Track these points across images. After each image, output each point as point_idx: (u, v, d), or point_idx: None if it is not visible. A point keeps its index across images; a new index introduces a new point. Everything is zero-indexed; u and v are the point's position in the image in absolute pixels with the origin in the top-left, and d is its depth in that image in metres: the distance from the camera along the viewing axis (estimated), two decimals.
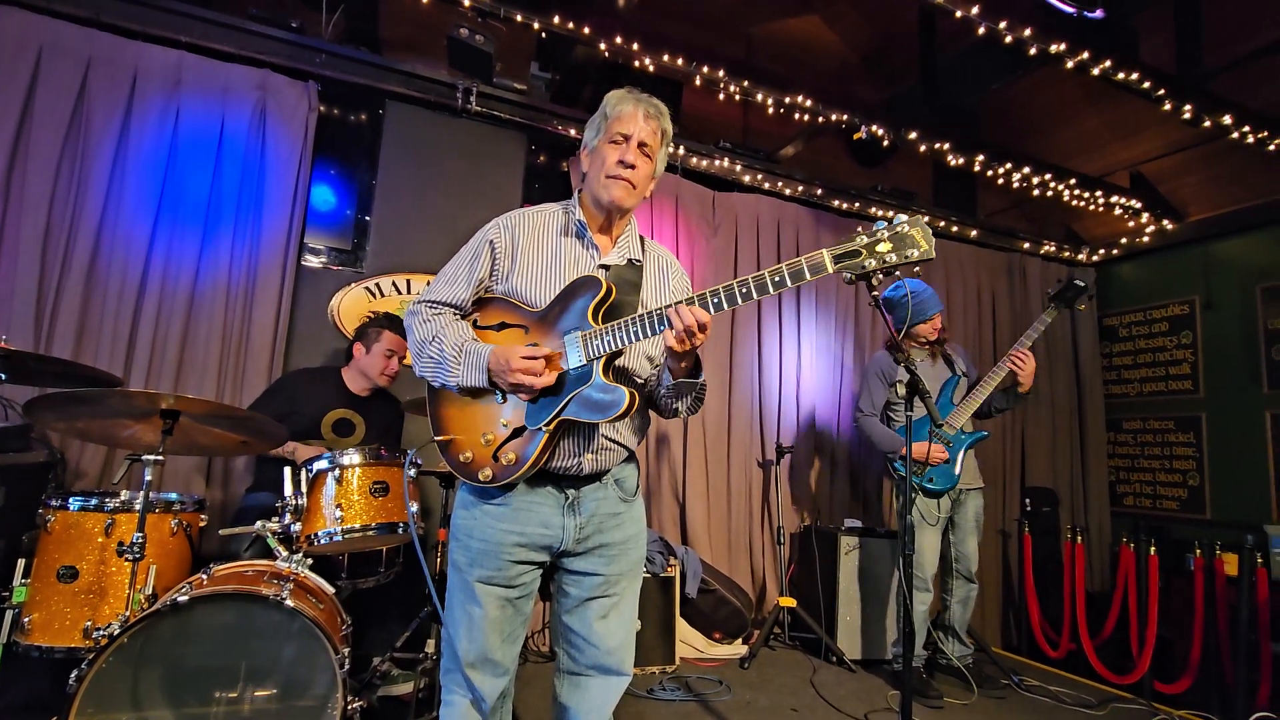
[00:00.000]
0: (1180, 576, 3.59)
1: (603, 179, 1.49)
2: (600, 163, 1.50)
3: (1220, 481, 4.25)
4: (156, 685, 1.63)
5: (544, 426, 1.39)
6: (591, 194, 1.53)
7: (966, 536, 3.20)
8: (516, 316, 1.49)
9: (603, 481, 1.52)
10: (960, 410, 3.12)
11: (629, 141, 1.48)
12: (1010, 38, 3.03)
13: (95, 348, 2.72)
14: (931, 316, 3.18)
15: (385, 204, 3.34)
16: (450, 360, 1.43)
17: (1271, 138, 3.46)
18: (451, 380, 1.43)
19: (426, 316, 1.49)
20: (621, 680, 1.55)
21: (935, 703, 2.93)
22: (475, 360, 1.41)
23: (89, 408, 1.90)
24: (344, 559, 2.31)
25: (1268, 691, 3.09)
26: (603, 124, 1.51)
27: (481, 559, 1.45)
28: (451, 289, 1.52)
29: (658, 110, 1.52)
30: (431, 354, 1.45)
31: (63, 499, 1.98)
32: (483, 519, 1.46)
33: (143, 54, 2.86)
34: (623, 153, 1.48)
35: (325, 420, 2.63)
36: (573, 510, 1.48)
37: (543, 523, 1.46)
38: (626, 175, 1.48)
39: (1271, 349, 4.07)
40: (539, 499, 1.46)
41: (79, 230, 2.71)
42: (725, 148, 3.96)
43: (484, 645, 1.46)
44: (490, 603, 1.45)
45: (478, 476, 1.43)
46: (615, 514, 1.52)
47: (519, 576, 1.47)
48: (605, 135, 1.50)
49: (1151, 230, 4.57)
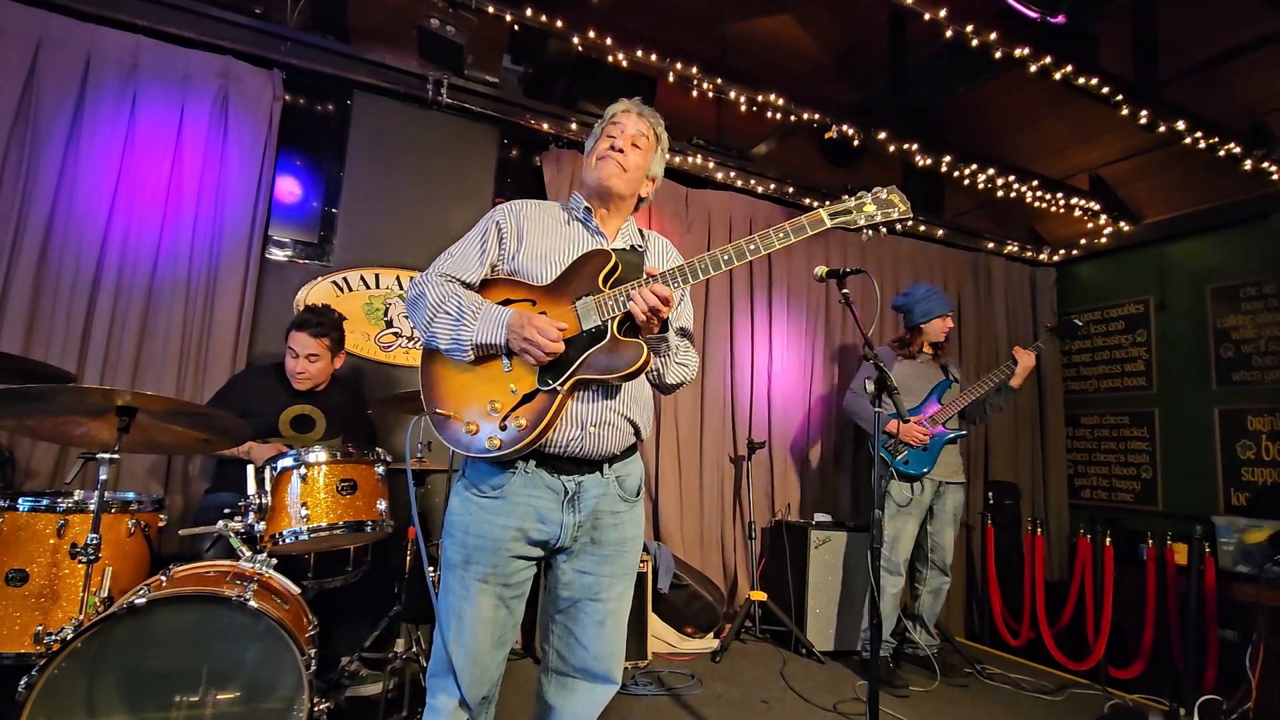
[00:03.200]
0: (1134, 566, 3.72)
1: (594, 161, 1.58)
2: (593, 152, 1.60)
3: (1171, 474, 4.41)
4: (113, 691, 1.58)
5: (559, 386, 1.40)
6: (586, 184, 1.61)
7: (944, 528, 3.30)
8: (522, 291, 1.51)
9: (604, 475, 1.49)
10: (947, 408, 3.24)
11: (621, 131, 1.58)
12: (977, 41, 3.09)
13: (46, 342, 2.62)
14: (942, 316, 3.32)
15: (353, 196, 3.28)
16: (469, 316, 1.43)
17: (1221, 144, 3.60)
18: (465, 335, 1.42)
19: (439, 282, 1.50)
20: (610, 689, 1.53)
21: (901, 692, 3.00)
22: (495, 316, 1.43)
23: (40, 404, 1.82)
24: (310, 558, 2.27)
25: (1214, 676, 3.22)
26: (599, 126, 1.63)
27: (478, 555, 1.42)
28: (462, 266, 1.53)
29: (652, 114, 1.63)
30: (449, 310, 1.44)
31: (11, 499, 1.91)
32: (478, 514, 1.44)
33: (97, 37, 2.75)
34: (613, 140, 1.57)
35: (283, 417, 2.56)
36: (572, 506, 1.45)
37: (540, 517, 1.43)
38: (616, 157, 1.55)
39: (1220, 347, 4.24)
40: (537, 492, 1.43)
41: (28, 219, 2.60)
42: (699, 145, 3.97)
43: (475, 648, 1.43)
44: (485, 602, 1.43)
45: (484, 445, 1.39)
46: (615, 512, 1.50)
47: (516, 574, 1.45)
48: (602, 133, 1.61)
49: (1109, 232, 4.72)
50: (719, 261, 1.44)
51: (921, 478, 3.21)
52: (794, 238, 1.45)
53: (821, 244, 4.38)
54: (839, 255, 4.42)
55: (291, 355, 2.56)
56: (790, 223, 1.45)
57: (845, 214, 1.50)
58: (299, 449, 2.12)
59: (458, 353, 1.44)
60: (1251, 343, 4.08)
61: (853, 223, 1.50)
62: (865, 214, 1.50)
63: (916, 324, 3.37)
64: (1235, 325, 4.17)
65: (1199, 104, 3.60)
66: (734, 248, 1.44)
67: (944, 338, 3.39)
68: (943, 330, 3.36)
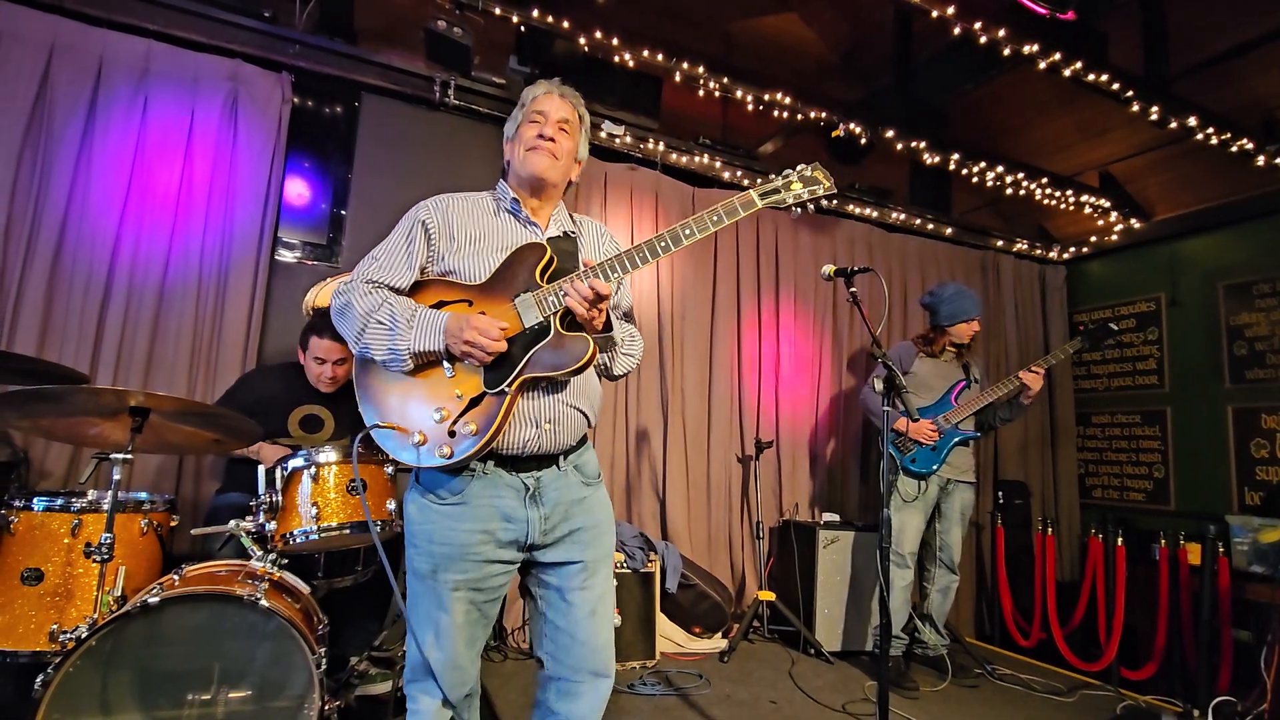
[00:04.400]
0: (1146, 566, 3.69)
1: (523, 153, 1.53)
2: (520, 140, 1.55)
3: (1184, 474, 4.37)
4: (127, 689, 1.59)
5: (506, 387, 1.37)
6: (516, 175, 1.57)
7: (952, 527, 3.29)
8: (457, 292, 1.46)
9: (561, 468, 1.48)
10: (961, 409, 3.22)
11: (546, 117, 1.53)
12: (984, 38, 3.07)
13: (60, 344, 2.64)
14: (970, 319, 3.26)
15: (361, 198, 3.29)
16: (402, 325, 1.37)
17: (1233, 140, 3.56)
18: (402, 345, 1.36)
19: (366, 290, 1.43)
20: (608, 683, 1.53)
21: (911, 693, 2.98)
22: (431, 322, 1.37)
23: (54, 405, 1.84)
24: (320, 558, 2.28)
25: (1228, 677, 3.19)
26: (519, 112, 1.58)
27: (447, 564, 1.40)
28: (389, 271, 1.46)
29: (573, 93, 1.59)
30: (381, 319, 1.38)
31: (26, 499, 1.92)
32: (441, 522, 1.41)
33: (108, 42, 2.78)
34: (540, 128, 1.52)
35: (292, 417, 2.57)
36: (535, 501, 1.43)
37: (505, 516, 1.41)
38: (547, 146, 1.52)
39: (1233, 345, 4.19)
40: (497, 492, 1.41)
41: (42, 222, 2.63)
42: (705, 144, 3.97)
43: (452, 653, 1.42)
44: (459, 609, 1.41)
45: (434, 455, 1.36)
46: (580, 499, 1.49)
47: (490, 578, 1.43)
48: (524, 118, 1.55)
49: (1120, 229, 4.68)
50: (655, 248, 1.43)
51: (928, 476, 3.19)
52: (727, 219, 1.45)
53: (829, 242, 4.37)
54: (846, 254, 4.40)
55: (317, 361, 2.55)
56: (722, 204, 1.46)
57: (774, 193, 1.52)
58: (309, 449, 2.13)
59: (395, 364, 1.39)
60: (1265, 340, 4.04)
61: (782, 201, 1.52)
62: (793, 192, 1.52)
63: (941, 325, 3.32)
64: (1248, 323, 4.13)
65: (1210, 99, 3.57)
66: (669, 233, 1.43)
67: (969, 340, 3.34)
68: (968, 333, 3.31)
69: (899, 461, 3.17)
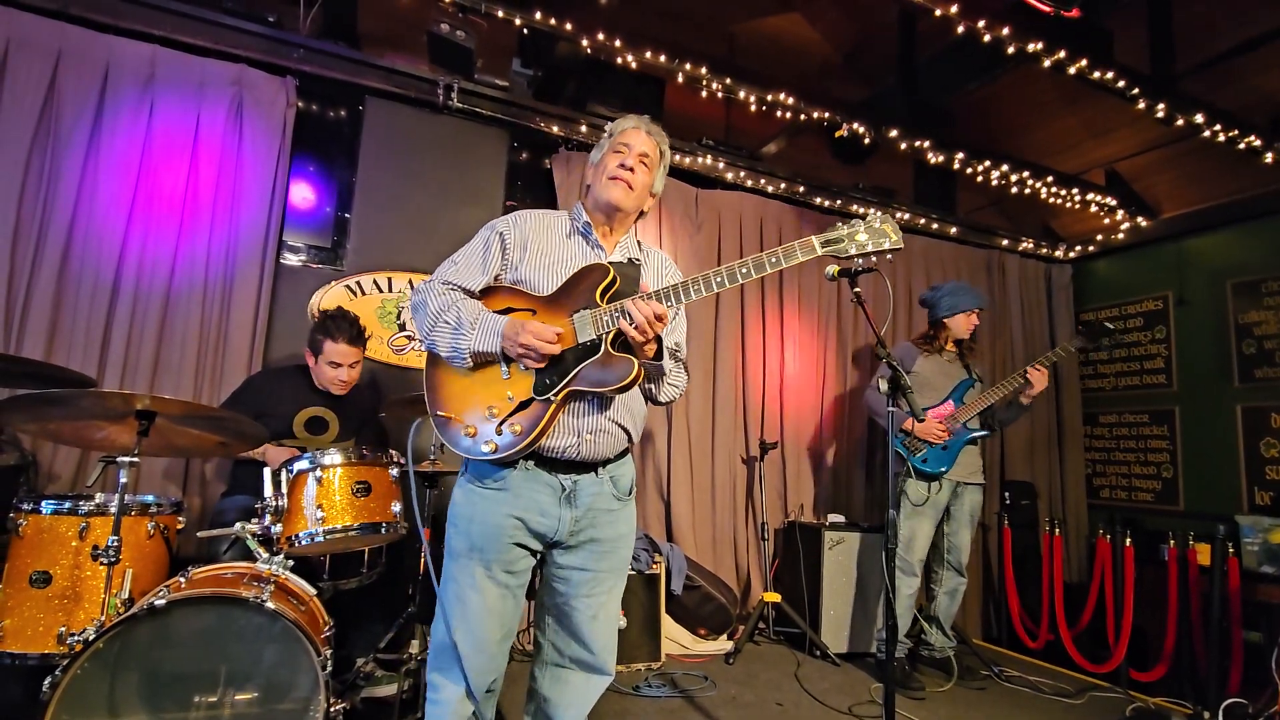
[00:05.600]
0: (1155, 567, 3.66)
1: (604, 180, 1.61)
2: (603, 169, 1.64)
3: (1193, 473, 4.34)
4: (134, 691, 1.60)
5: (552, 396, 1.44)
6: (594, 198, 1.65)
7: (960, 529, 3.26)
8: (524, 301, 1.55)
9: (598, 475, 1.55)
10: (967, 408, 3.19)
11: (630, 150, 1.62)
12: (989, 37, 3.06)
13: (68, 348, 2.66)
14: (967, 312, 3.24)
15: (365, 201, 3.31)
16: (467, 325, 1.47)
17: (1241, 137, 3.54)
18: (464, 343, 1.46)
19: (441, 291, 1.54)
20: (604, 680, 1.59)
21: (918, 694, 2.97)
22: (491, 325, 1.47)
23: (61, 409, 1.86)
24: (325, 560, 2.28)
25: (1239, 678, 3.16)
26: (607, 140, 1.67)
27: (483, 542, 1.48)
28: (465, 274, 1.58)
29: (659, 132, 1.68)
30: (449, 320, 1.49)
31: (35, 502, 1.94)
32: (482, 504, 1.50)
33: (114, 48, 2.80)
34: (623, 158, 1.62)
35: (297, 419, 2.59)
36: (570, 502, 1.51)
37: (541, 510, 1.49)
38: (625, 176, 1.60)
39: (1242, 343, 4.16)
40: (537, 487, 1.49)
41: (50, 228, 2.65)
42: (708, 145, 3.97)
43: (482, 635, 1.47)
44: (490, 589, 1.48)
45: (481, 449, 1.46)
46: (610, 510, 1.56)
47: (518, 560, 1.50)
48: (609, 148, 1.65)
49: (1126, 227, 4.65)
50: (711, 283, 1.46)
51: (940, 477, 3.17)
52: (785, 263, 1.46)
53: None
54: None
55: (332, 365, 2.57)
56: (783, 248, 1.47)
57: (837, 242, 1.51)
58: (314, 451, 2.14)
59: (457, 360, 1.48)
60: (1274, 338, 4.01)
61: (843, 251, 1.50)
62: (856, 243, 1.50)
63: (940, 318, 3.31)
64: (1257, 321, 4.10)
65: (1217, 96, 3.54)
66: (726, 270, 1.46)
67: (969, 334, 3.32)
68: (967, 327, 3.29)
69: (909, 462, 3.14)
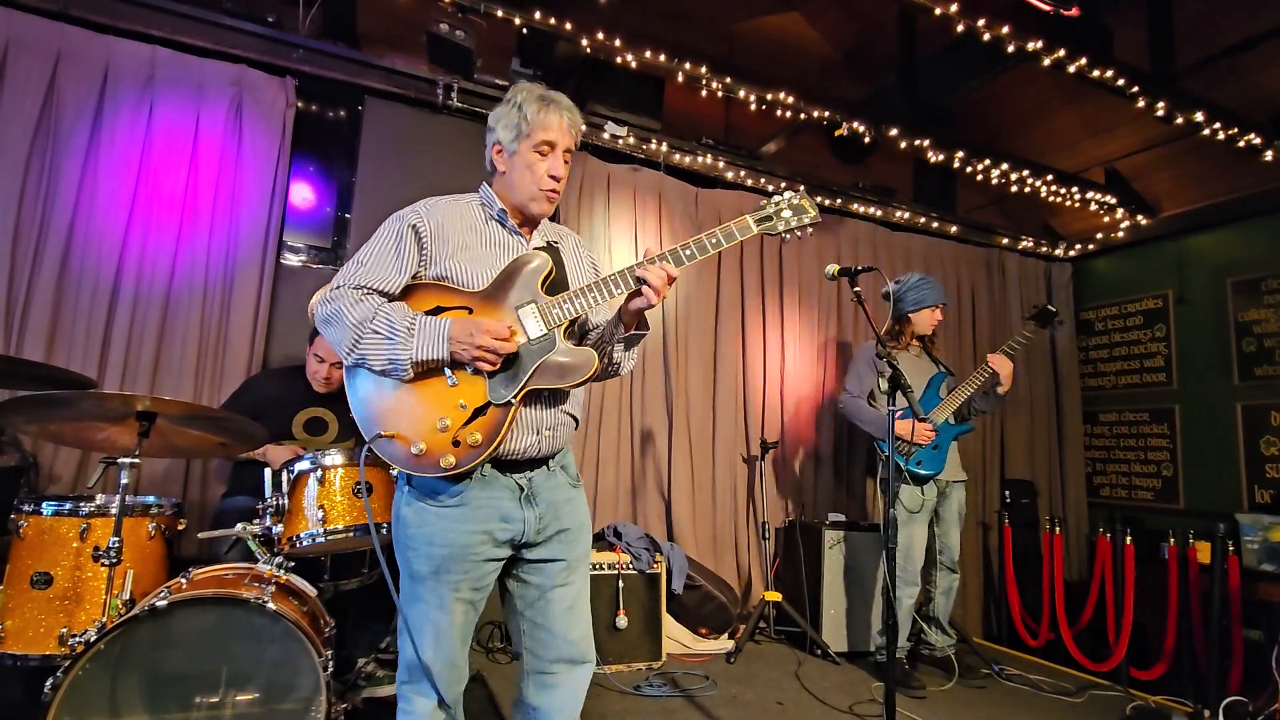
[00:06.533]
0: (1155, 565, 3.66)
1: (535, 191, 1.49)
2: (527, 172, 1.49)
3: (1193, 472, 4.34)
4: (135, 691, 1.60)
5: (512, 399, 1.38)
6: (515, 200, 1.53)
7: (950, 528, 3.25)
8: (455, 298, 1.43)
9: (550, 468, 1.51)
10: (944, 405, 3.17)
11: (555, 150, 1.49)
12: (988, 35, 3.06)
13: (68, 349, 2.66)
14: (931, 307, 3.21)
15: (365, 201, 3.31)
16: (402, 332, 1.33)
17: (1241, 135, 3.54)
18: (403, 354, 1.33)
19: (356, 298, 1.37)
20: (588, 668, 1.55)
21: (918, 693, 2.97)
22: (435, 330, 1.34)
23: (62, 410, 1.86)
24: (327, 560, 2.29)
25: (1239, 677, 3.16)
26: (524, 127, 1.47)
27: (449, 564, 1.40)
28: (379, 274, 1.40)
29: (575, 112, 1.53)
30: (378, 328, 1.33)
31: (36, 504, 1.94)
32: (440, 523, 1.40)
33: (114, 49, 2.80)
34: (552, 166, 1.49)
35: (296, 420, 2.59)
36: (530, 502, 1.46)
37: (503, 517, 1.43)
38: (558, 189, 1.52)
39: (1242, 341, 4.16)
40: (495, 493, 1.43)
41: (50, 229, 2.65)
42: (708, 144, 3.96)
43: (450, 653, 1.44)
44: (458, 609, 1.43)
45: (438, 465, 1.34)
46: (569, 500, 1.54)
47: (486, 576, 1.46)
48: (529, 141, 1.48)
49: (1126, 226, 4.65)
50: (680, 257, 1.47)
51: (934, 478, 3.15)
52: (725, 243, 1.51)
53: (833, 241, 4.36)
54: (850, 253, 4.39)
55: (317, 360, 2.58)
56: (721, 228, 1.52)
57: (767, 220, 1.57)
58: (315, 452, 2.14)
59: (396, 372, 1.35)
60: (1274, 336, 4.01)
61: (773, 228, 1.57)
62: (784, 220, 1.57)
63: (904, 313, 3.22)
64: (1257, 319, 4.10)
65: (1217, 94, 3.54)
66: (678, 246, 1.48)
67: (931, 331, 3.26)
68: (931, 323, 3.22)
69: (903, 468, 3.11)
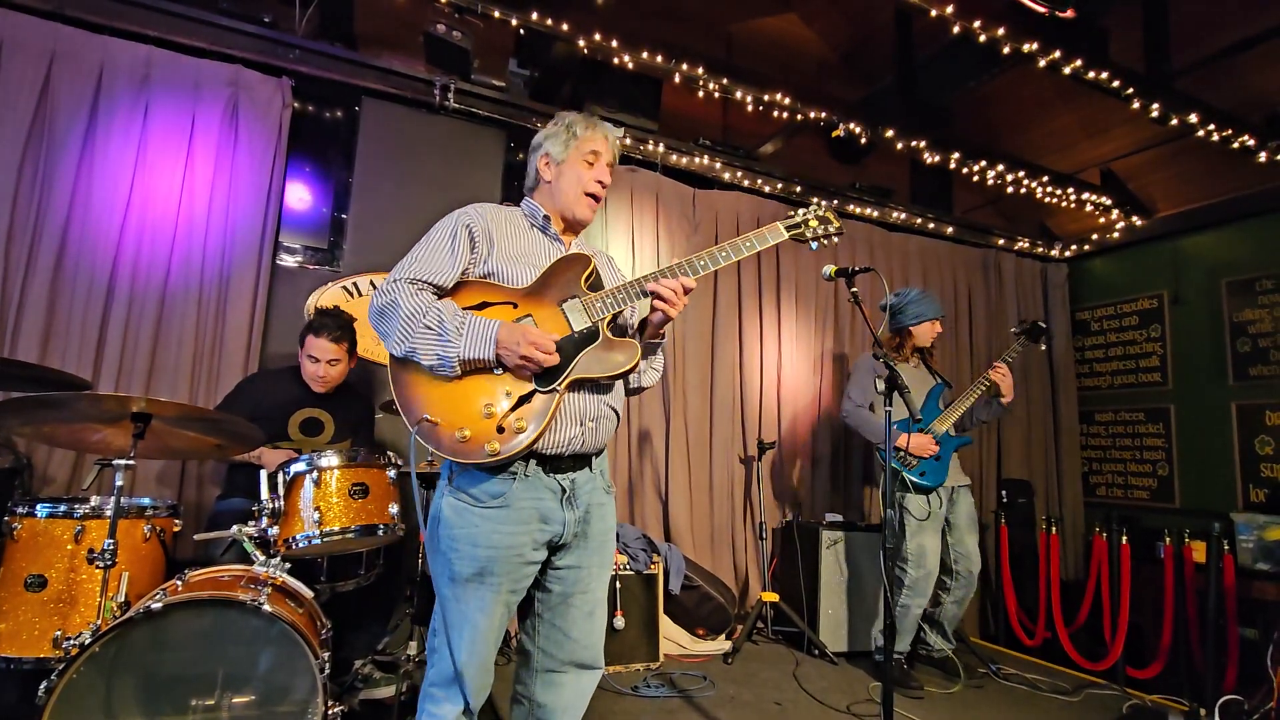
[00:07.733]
0: (1151, 564, 3.67)
1: (580, 195, 1.58)
2: (575, 179, 1.58)
3: (1189, 471, 4.36)
4: (130, 694, 1.60)
5: (557, 386, 1.42)
6: (561, 206, 1.61)
7: (964, 536, 3.22)
8: (500, 294, 1.49)
9: (592, 470, 1.54)
10: (945, 416, 3.18)
11: (600, 160, 1.60)
12: (984, 37, 3.07)
13: (63, 350, 2.65)
14: (931, 320, 3.22)
15: (362, 202, 3.30)
16: (451, 331, 1.37)
17: (1235, 135, 3.56)
18: (450, 352, 1.36)
19: (411, 291, 1.41)
20: (597, 673, 1.57)
21: (916, 693, 2.97)
22: (482, 331, 1.38)
23: (56, 412, 1.85)
24: (323, 561, 2.28)
25: (1234, 675, 3.18)
26: (570, 141, 1.59)
27: (494, 566, 1.40)
28: (433, 268, 1.45)
29: (616, 132, 1.67)
30: (429, 324, 1.37)
31: (30, 506, 1.93)
32: (484, 525, 1.40)
33: (109, 49, 2.79)
34: (599, 172, 1.60)
35: (292, 420, 2.58)
36: (570, 503, 1.48)
37: (544, 518, 1.45)
38: (600, 195, 1.61)
39: (1236, 341, 4.18)
40: (538, 494, 1.44)
41: (44, 230, 2.64)
42: (705, 145, 3.97)
43: (485, 656, 1.44)
44: (498, 611, 1.43)
45: (483, 450, 1.36)
46: (601, 504, 1.55)
47: (525, 579, 1.47)
48: (576, 152, 1.58)
49: (1122, 226, 4.67)
50: (695, 266, 1.52)
51: (938, 488, 3.14)
52: (759, 246, 1.59)
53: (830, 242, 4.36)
54: (847, 254, 4.40)
55: (311, 360, 2.56)
56: (754, 233, 1.59)
57: (797, 228, 1.67)
58: (311, 453, 2.13)
59: (444, 369, 1.38)
60: (1268, 336, 4.03)
61: (802, 235, 1.67)
62: (811, 229, 1.67)
63: (905, 325, 3.24)
64: (1252, 319, 4.12)
65: (1212, 96, 3.56)
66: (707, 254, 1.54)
67: (930, 343, 3.28)
68: (931, 335, 3.25)
69: (907, 479, 3.10)
